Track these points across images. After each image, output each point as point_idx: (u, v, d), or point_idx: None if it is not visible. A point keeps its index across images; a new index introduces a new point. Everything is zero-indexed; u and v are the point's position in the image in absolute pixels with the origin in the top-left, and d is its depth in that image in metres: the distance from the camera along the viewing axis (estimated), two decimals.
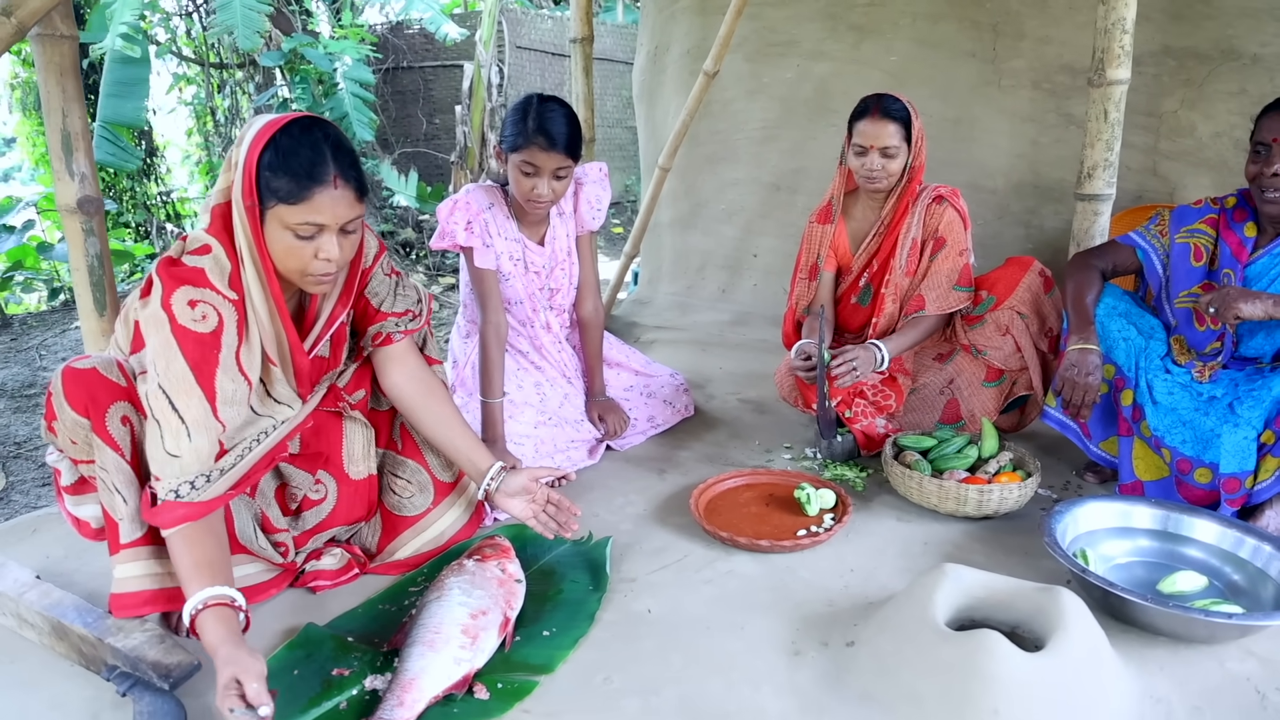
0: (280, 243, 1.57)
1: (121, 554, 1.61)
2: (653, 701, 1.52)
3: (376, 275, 1.86)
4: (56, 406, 1.59)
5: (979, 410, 2.53)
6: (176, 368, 1.52)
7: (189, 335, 1.53)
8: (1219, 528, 1.90)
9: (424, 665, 1.52)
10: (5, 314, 5.73)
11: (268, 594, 1.83)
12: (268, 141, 1.52)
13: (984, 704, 1.39)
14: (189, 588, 1.50)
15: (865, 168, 2.40)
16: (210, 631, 1.45)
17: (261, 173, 1.53)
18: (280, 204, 1.53)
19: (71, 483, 1.72)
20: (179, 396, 1.52)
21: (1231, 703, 1.51)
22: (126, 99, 5.12)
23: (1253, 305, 1.95)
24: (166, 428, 1.52)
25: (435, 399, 1.94)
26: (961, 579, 1.64)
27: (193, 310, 1.53)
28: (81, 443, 1.61)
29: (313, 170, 1.52)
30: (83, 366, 1.59)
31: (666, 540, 2.09)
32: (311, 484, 1.89)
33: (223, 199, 1.60)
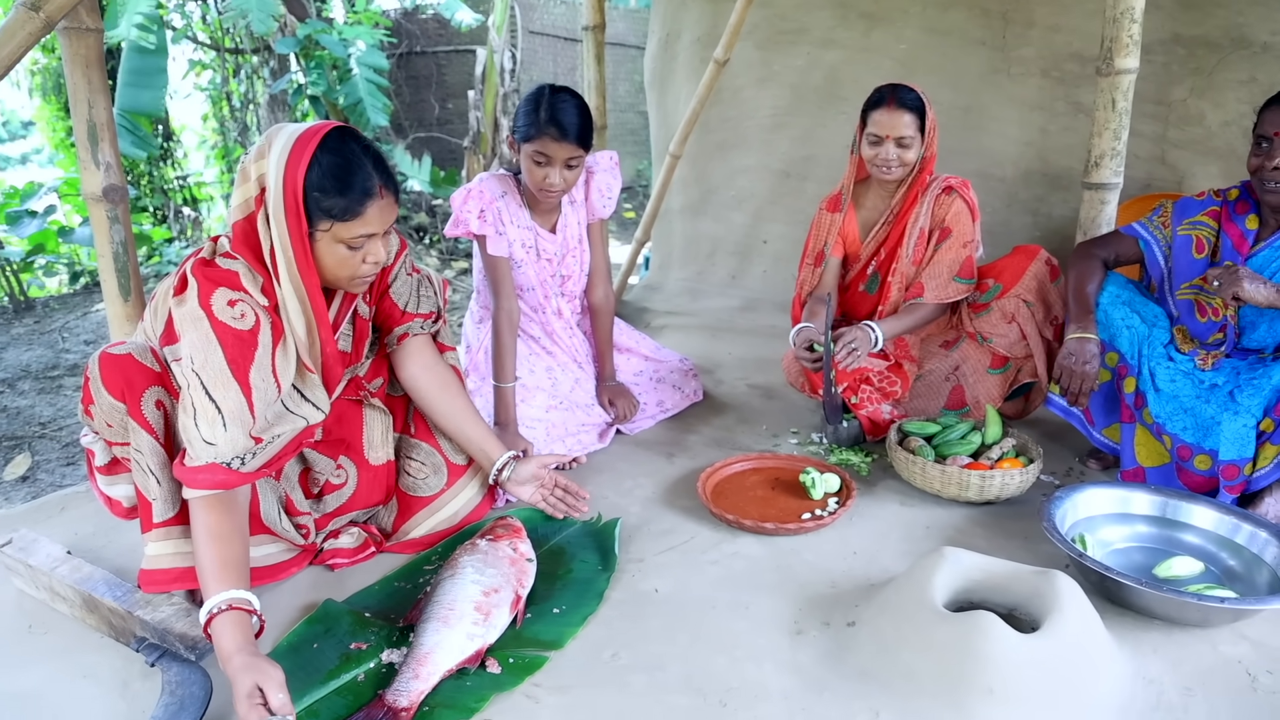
0: (332, 257, 1.62)
1: (154, 532, 1.67)
2: (658, 677, 1.57)
3: (399, 276, 1.91)
4: (94, 391, 1.64)
5: (984, 397, 2.56)
6: (215, 361, 1.56)
7: (228, 331, 1.57)
8: (1216, 514, 1.94)
9: (439, 640, 1.58)
10: (28, 297, 5.83)
11: (288, 573, 1.89)
12: (311, 160, 1.55)
13: (979, 682, 1.44)
14: (210, 587, 1.52)
15: (880, 158, 2.43)
16: (226, 637, 1.46)
17: (310, 194, 1.56)
18: (335, 222, 1.58)
19: (105, 463, 1.78)
20: (216, 389, 1.56)
21: (1223, 684, 1.55)
22: (144, 88, 5.18)
23: (1256, 288, 1.97)
24: (203, 416, 1.56)
25: (449, 391, 2.00)
26: (960, 562, 1.68)
27: (232, 309, 1.58)
28: (118, 426, 1.67)
29: (364, 185, 1.58)
30: (119, 352, 1.65)
31: (674, 522, 2.14)
32: (333, 469, 1.95)
33: (243, 214, 1.61)
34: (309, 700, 1.51)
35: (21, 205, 5.98)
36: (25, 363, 4.92)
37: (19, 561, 1.84)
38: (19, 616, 1.81)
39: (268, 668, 1.43)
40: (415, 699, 1.48)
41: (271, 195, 1.56)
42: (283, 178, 1.55)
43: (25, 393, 4.47)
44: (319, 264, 1.64)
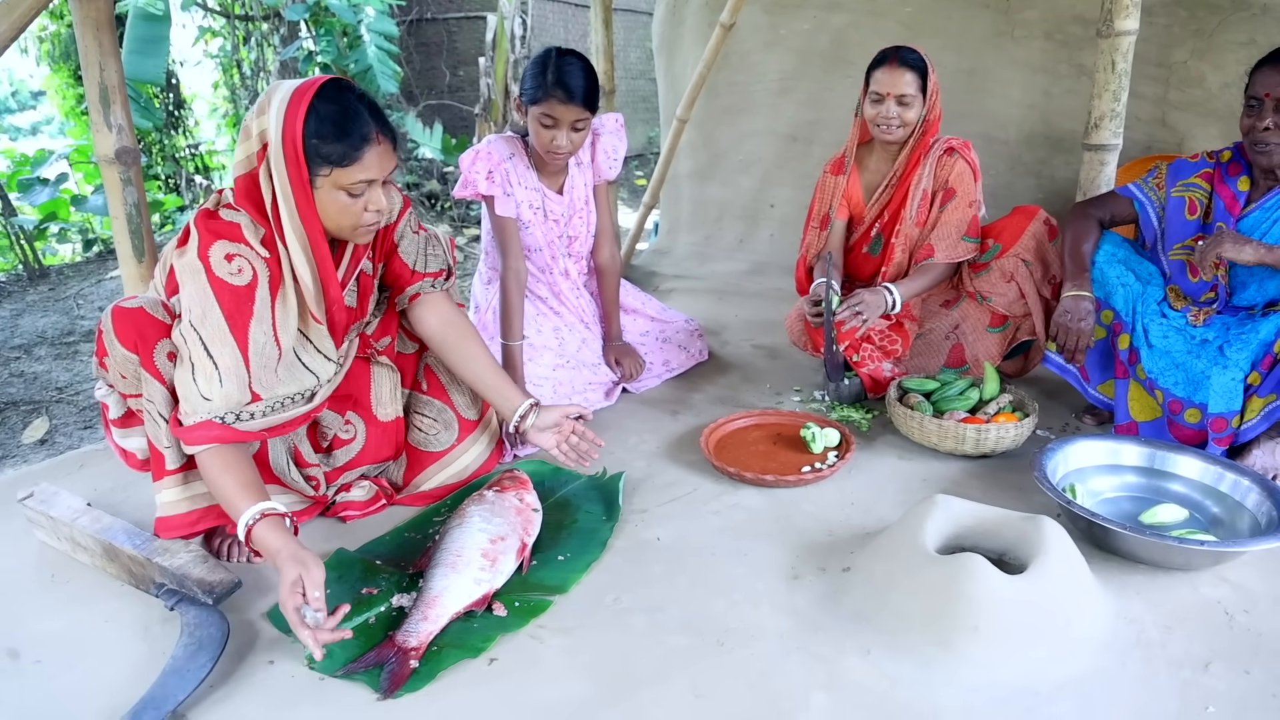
0: (334, 204, 1.65)
1: (166, 479, 1.74)
2: (658, 619, 1.64)
3: (405, 234, 1.95)
4: (107, 343, 1.70)
5: (983, 355, 2.60)
6: (213, 317, 1.62)
7: (225, 287, 1.62)
8: (1202, 464, 1.98)
9: (447, 584, 1.65)
10: (43, 265, 5.90)
11: (299, 522, 1.96)
12: (309, 109, 1.59)
13: (965, 621, 1.49)
14: (238, 506, 1.59)
15: (881, 116, 2.45)
16: (270, 538, 1.55)
17: (309, 141, 1.59)
18: (334, 169, 1.61)
19: (119, 416, 1.84)
20: (214, 344, 1.62)
21: (1200, 623, 1.60)
22: (148, 56, 5.18)
23: (1239, 249, 2.00)
24: (200, 370, 1.63)
25: (467, 341, 2.03)
26: (952, 509, 1.73)
27: (229, 264, 1.62)
28: (130, 377, 1.72)
29: (361, 131, 1.61)
30: (131, 306, 1.70)
31: (677, 475, 2.20)
32: (342, 424, 2.01)
33: (247, 169, 1.65)
34: None
35: (33, 173, 6.03)
36: (41, 329, 5.01)
37: (41, 514, 1.90)
38: (41, 567, 1.88)
39: (312, 564, 1.51)
40: (424, 639, 1.55)
41: (273, 147, 1.60)
42: (282, 129, 1.58)
43: (42, 358, 4.56)
44: (322, 213, 1.67)
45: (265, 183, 1.63)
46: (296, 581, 1.48)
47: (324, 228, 1.69)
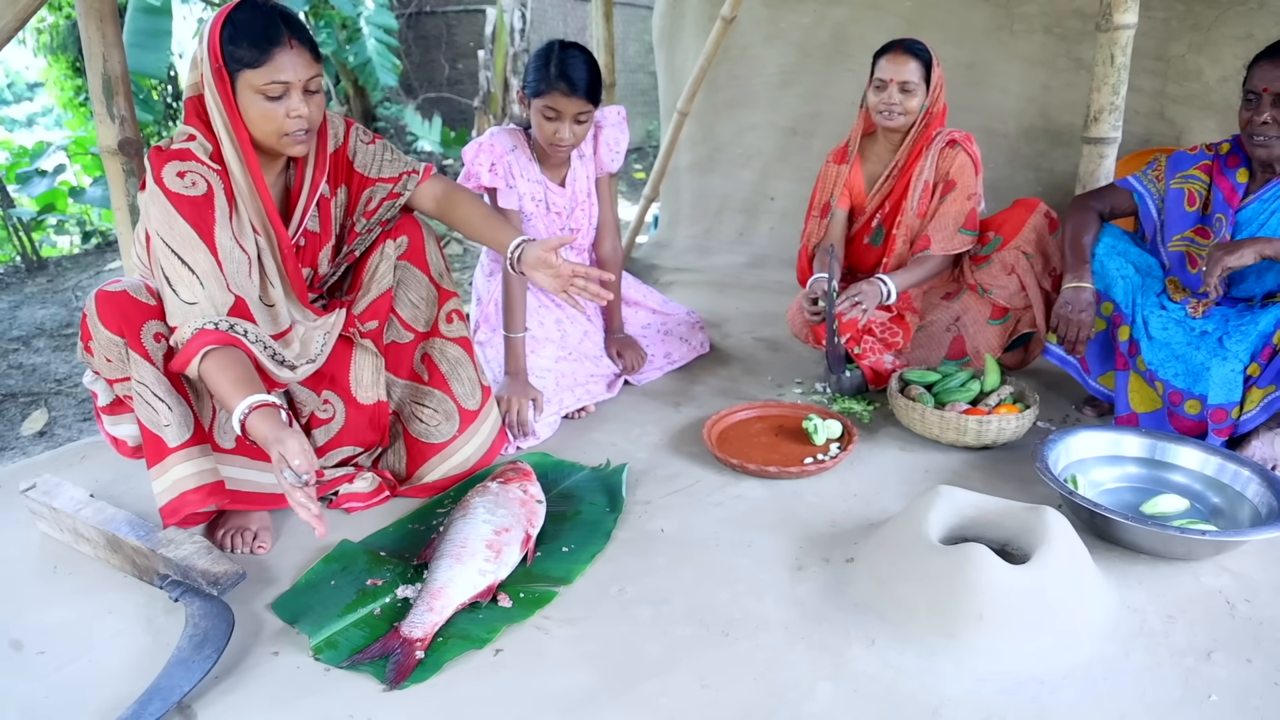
0: (255, 109, 1.70)
1: (172, 456, 1.71)
2: (663, 609, 1.64)
3: (357, 149, 1.98)
4: (91, 327, 1.71)
5: (984, 347, 2.61)
6: (179, 228, 1.68)
7: (183, 199, 1.69)
8: (1202, 455, 2.00)
9: (451, 575, 1.65)
10: (41, 256, 5.89)
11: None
12: (224, 20, 1.68)
13: (970, 610, 1.50)
14: (232, 401, 1.62)
15: (883, 102, 2.46)
16: (260, 426, 1.59)
17: (225, 46, 1.67)
18: (247, 69, 1.67)
19: (108, 403, 1.84)
20: (186, 251, 1.68)
21: (1203, 612, 1.61)
22: (148, 49, 5.16)
23: (1240, 256, 2.01)
24: (179, 280, 1.68)
25: (460, 203, 2.04)
26: (955, 499, 1.74)
27: (182, 180, 1.69)
28: (116, 360, 1.72)
29: (268, 34, 1.68)
30: (114, 290, 1.72)
31: (680, 467, 2.21)
32: (319, 403, 2.01)
33: (194, 92, 1.74)
34: (327, 632, 1.59)
35: (31, 165, 6.01)
36: (40, 321, 5.00)
37: (43, 505, 1.90)
38: (44, 558, 1.88)
39: (289, 438, 1.56)
40: (429, 630, 1.55)
41: (203, 64, 1.69)
42: (207, 43, 1.68)
43: (40, 350, 4.55)
44: (247, 121, 1.72)
45: (209, 99, 1.71)
46: (279, 461, 1.53)
47: (252, 137, 1.74)
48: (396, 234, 2.04)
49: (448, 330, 2.13)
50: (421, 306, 2.10)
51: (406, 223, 2.06)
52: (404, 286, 2.07)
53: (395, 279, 2.05)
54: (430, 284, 2.09)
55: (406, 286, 2.08)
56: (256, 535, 1.88)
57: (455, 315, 2.14)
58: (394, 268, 2.04)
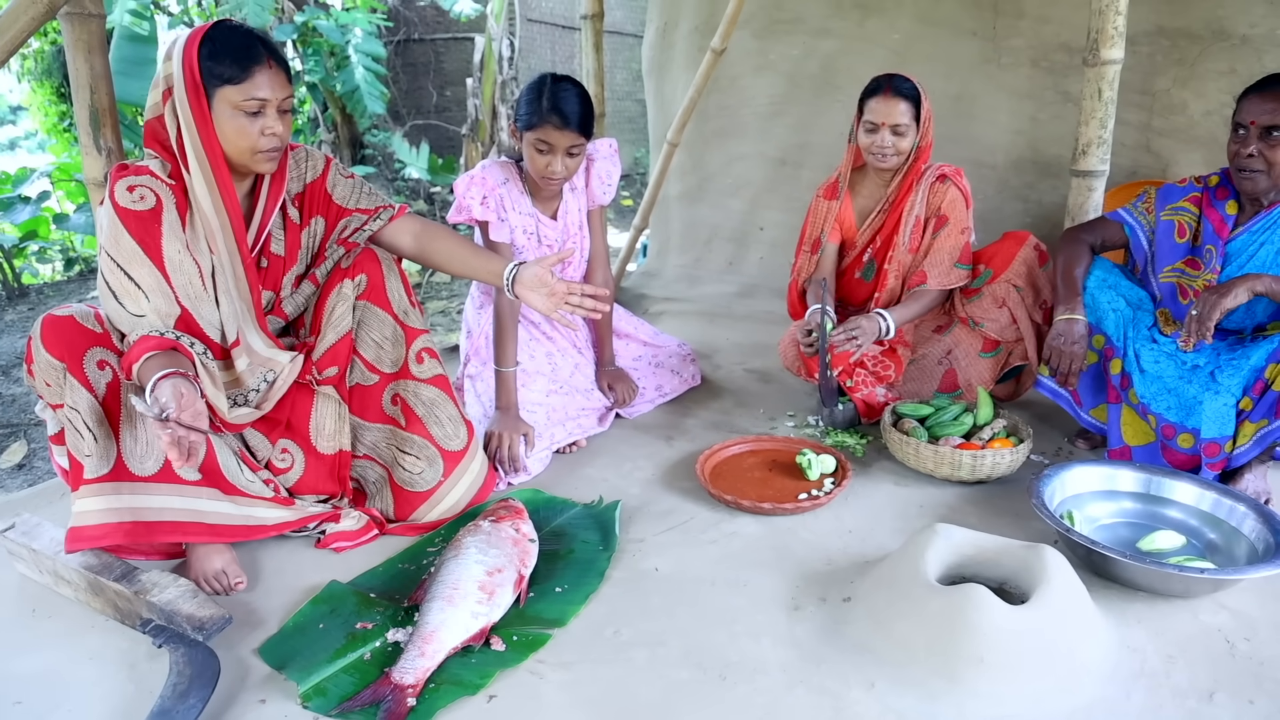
0: (231, 124, 1.74)
1: (84, 489, 1.70)
2: (659, 652, 1.62)
3: (337, 183, 2.00)
4: (34, 350, 1.71)
5: (976, 380, 2.61)
6: (125, 243, 1.70)
7: (130, 214, 1.71)
8: (1198, 490, 1.99)
9: (444, 619, 1.62)
10: (22, 284, 5.82)
11: (269, 534, 1.92)
12: (202, 39, 1.71)
13: (970, 652, 1.49)
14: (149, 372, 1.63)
15: (876, 145, 2.46)
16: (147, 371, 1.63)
17: (204, 62, 1.70)
18: (226, 85, 1.71)
19: (56, 432, 1.82)
20: (132, 267, 1.70)
21: (1203, 651, 1.60)
22: (133, 77, 5.13)
23: (1234, 297, 2.01)
24: (124, 294, 1.70)
25: (439, 241, 2.05)
26: (952, 538, 1.73)
27: (131, 194, 1.72)
28: (55, 385, 1.71)
29: (250, 53, 1.73)
30: (61, 314, 1.73)
31: (673, 503, 2.18)
32: (276, 452, 1.98)
33: (154, 114, 1.76)
34: (316, 678, 1.55)
35: (14, 191, 5.96)
36: (20, 350, 4.93)
37: (22, 546, 1.86)
38: (22, 601, 1.84)
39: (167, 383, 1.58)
40: (421, 676, 1.52)
41: (175, 81, 1.71)
42: (181, 60, 1.70)
43: (19, 380, 4.48)
44: (221, 137, 1.75)
45: (170, 119, 1.74)
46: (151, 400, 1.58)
47: (225, 154, 1.77)
48: (354, 272, 2.00)
49: (419, 371, 2.06)
50: (386, 346, 2.05)
51: (365, 259, 2.02)
52: (365, 327, 2.03)
53: (355, 319, 2.02)
54: (395, 323, 2.04)
55: (368, 327, 2.03)
56: (226, 573, 1.83)
57: (425, 354, 2.07)
58: (353, 309, 2.01)
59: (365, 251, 2.02)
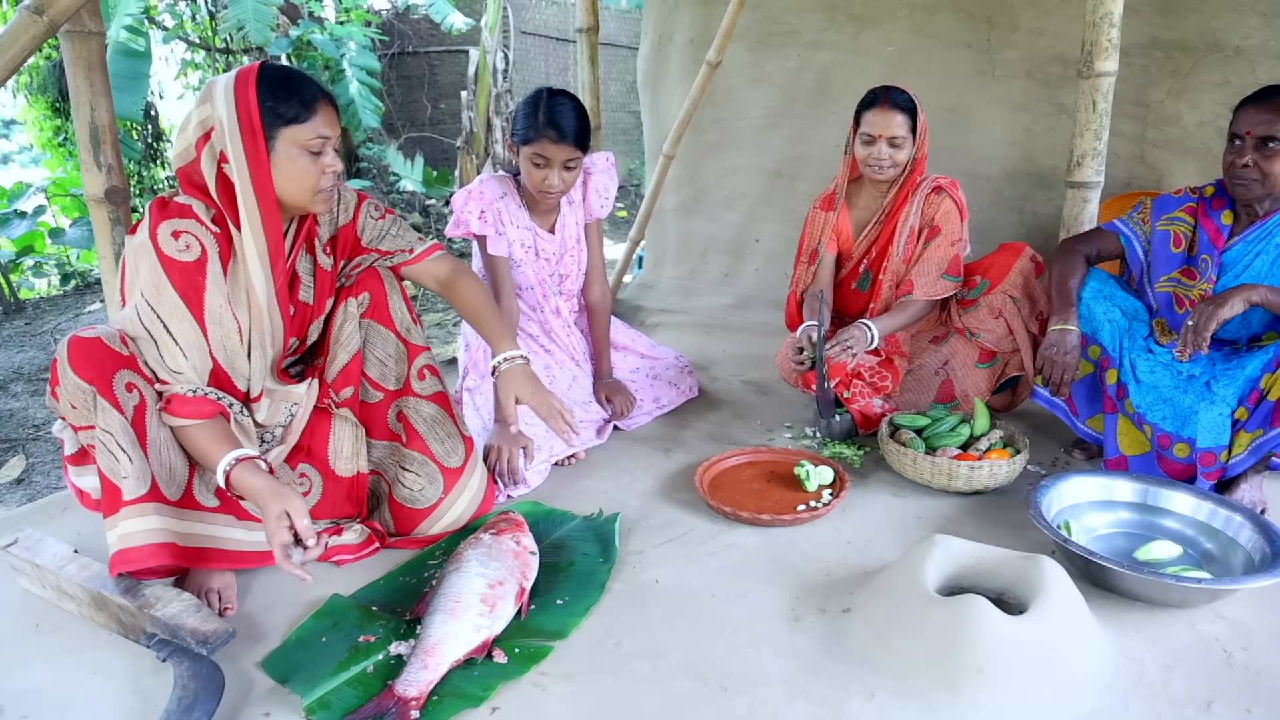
0: (294, 166, 1.71)
1: (125, 510, 1.66)
2: (661, 664, 1.62)
3: (366, 223, 2.00)
4: (61, 372, 1.67)
5: (972, 390, 2.63)
6: (168, 296, 1.68)
7: (174, 264, 1.67)
8: (1194, 500, 2.00)
9: (446, 631, 1.62)
10: (19, 298, 5.82)
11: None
12: (258, 80, 1.68)
13: (969, 663, 1.50)
14: (215, 456, 1.68)
15: (873, 157, 2.48)
16: (248, 478, 1.65)
17: (264, 105, 1.67)
18: (290, 125, 1.69)
19: (73, 453, 1.82)
20: (172, 321, 1.69)
21: (1200, 661, 1.61)
22: (126, 92, 5.18)
23: (1231, 307, 2.03)
24: (164, 347, 1.70)
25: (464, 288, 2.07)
26: (951, 549, 1.74)
27: (176, 241, 1.68)
28: (82, 408, 1.68)
29: (309, 92, 1.72)
30: (88, 336, 1.68)
31: (672, 515, 2.19)
32: (294, 477, 1.98)
33: (186, 161, 1.72)
34: (320, 691, 1.55)
35: (10, 206, 5.97)
36: (17, 365, 4.93)
37: (25, 561, 1.85)
38: (25, 616, 1.83)
39: (291, 495, 1.61)
40: (424, 689, 1.52)
41: (225, 124, 1.66)
42: (234, 103, 1.66)
43: (18, 395, 4.48)
44: (281, 179, 1.72)
45: (208, 165, 1.70)
46: (281, 515, 1.55)
47: (279, 198, 1.74)
48: (357, 290, 2.02)
49: (420, 388, 2.08)
50: (390, 364, 2.06)
51: (367, 276, 2.03)
52: (369, 345, 2.04)
53: (361, 338, 2.03)
54: (398, 340, 2.05)
55: (372, 345, 2.04)
56: (220, 595, 1.82)
57: (427, 371, 2.09)
58: (359, 327, 2.02)
59: (368, 270, 2.03)
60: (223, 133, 1.67)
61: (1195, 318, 2.05)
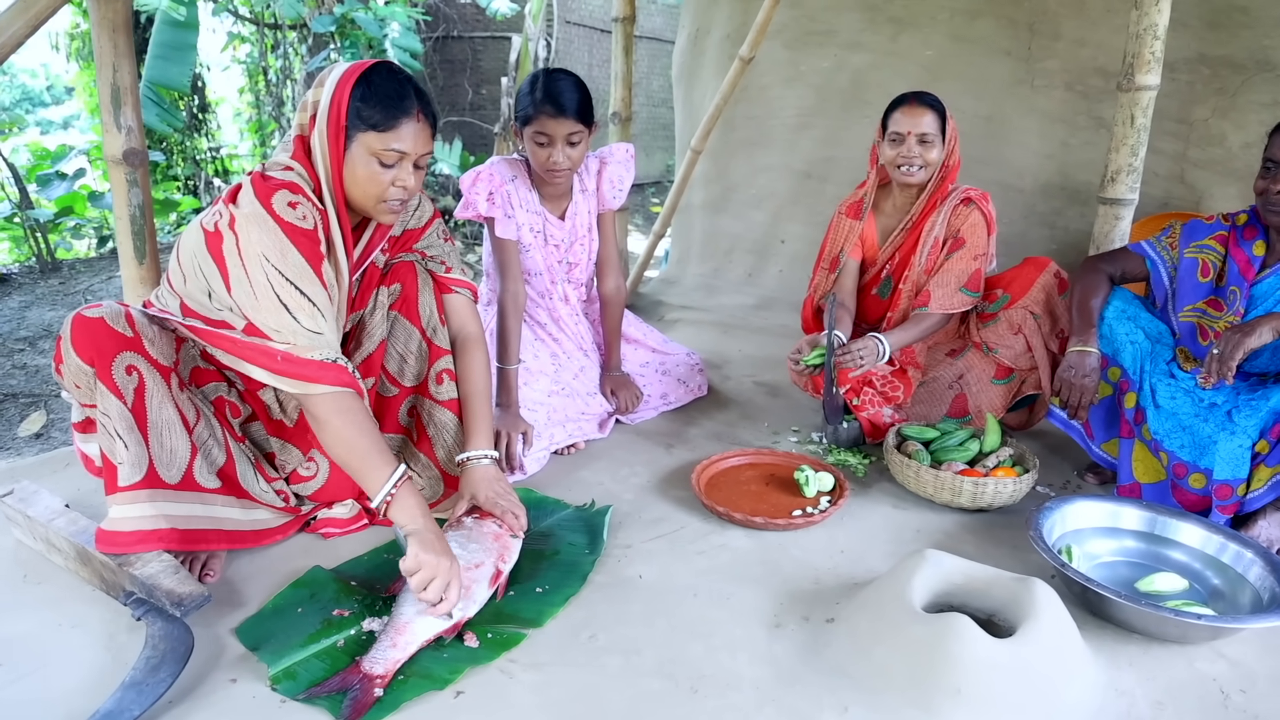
0: (364, 169, 1.70)
1: (119, 495, 1.67)
2: (633, 660, 1.59)
3: (431, 241, 2.04)
4: (64, 351, 1.67)
5: (986, 406, 2.56)
6: (294, 258, 1.64)
7: (296, 230, 1.66)
8: (1204, 532, 1.93)
9: (418, 611, 1.61)
10: (55, 258, 5.93)
11: (276, 538, 1.93)
12: (359, 78, 1.68)
13: (948, 683, 1.45)
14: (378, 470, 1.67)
15: (902, 155, 2.42)
16: (408, 506, 1.67)
17: (353, 104, 1.67)
18: (370, 131, 1.67)
19: (79, 420, 1.83)
20: (304, 282, 1.65)
21: (1195, 701, 1.55)
22: (172, 62, 5.24)
23: (1259, 336, 1.96)
24: (299, 309, 1.64)
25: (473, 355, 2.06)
26: (941, 565, 1.69)
27: (294, 210, 1.67)
28: (85, 387, 1.68)
29: (402, 103, 1.69)
30: (91, 315, 1.66)
31: (665, 511, 2.16)
32: (303, 461, 1.98)
33: (301, 132, 1.74)
34: (287, 662, 1.55)
35: (52, 168, 6.09)
36: (48, 322, 5.02)
37: (18, 512, 1.89)
38: (14, 565, 1.86)
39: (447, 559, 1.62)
40: (391, 668, 1.51)
41: (322, 110, 1.69)
42: (333, 93, 1.68)
43: (45, 352, 4.56)
44: (350, 178, 1.72)
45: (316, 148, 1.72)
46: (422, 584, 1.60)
47: (347, 196, 1.74)
48: (390, 280, 2.02)
49: (438, 392, 2.06)
50: (410, 360, 2.05)
51: (403, 268, 2.02)
52: (393, 338, 2.04)
53: (387, 329, 2.02)
54: (421, 338, 2.04)
55: (394, 338, 2.04)
56: (206, 563, 1.83)
57: (446, 375, 2.06)
58: (386, 317, 2.02)
59: (404, 262, 2.03)
60: (320, 116, 1.69)
61: (1221, 346, 1.97)
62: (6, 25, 1.94)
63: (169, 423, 1.72)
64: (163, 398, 1.71)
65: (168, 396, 1.72)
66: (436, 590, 1.59)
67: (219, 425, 1.84)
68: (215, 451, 1.81)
